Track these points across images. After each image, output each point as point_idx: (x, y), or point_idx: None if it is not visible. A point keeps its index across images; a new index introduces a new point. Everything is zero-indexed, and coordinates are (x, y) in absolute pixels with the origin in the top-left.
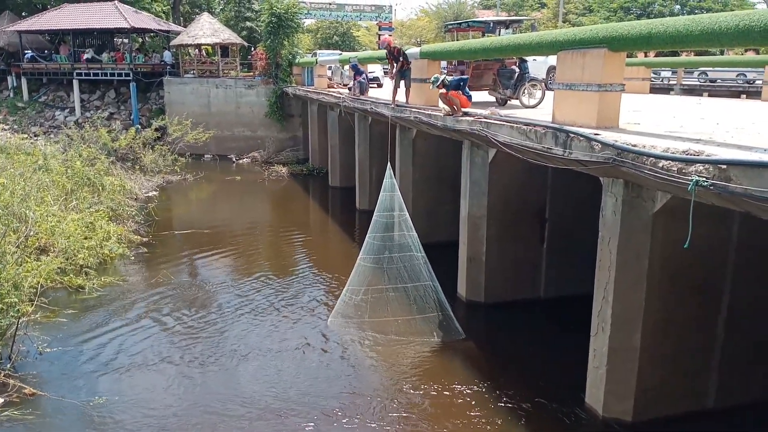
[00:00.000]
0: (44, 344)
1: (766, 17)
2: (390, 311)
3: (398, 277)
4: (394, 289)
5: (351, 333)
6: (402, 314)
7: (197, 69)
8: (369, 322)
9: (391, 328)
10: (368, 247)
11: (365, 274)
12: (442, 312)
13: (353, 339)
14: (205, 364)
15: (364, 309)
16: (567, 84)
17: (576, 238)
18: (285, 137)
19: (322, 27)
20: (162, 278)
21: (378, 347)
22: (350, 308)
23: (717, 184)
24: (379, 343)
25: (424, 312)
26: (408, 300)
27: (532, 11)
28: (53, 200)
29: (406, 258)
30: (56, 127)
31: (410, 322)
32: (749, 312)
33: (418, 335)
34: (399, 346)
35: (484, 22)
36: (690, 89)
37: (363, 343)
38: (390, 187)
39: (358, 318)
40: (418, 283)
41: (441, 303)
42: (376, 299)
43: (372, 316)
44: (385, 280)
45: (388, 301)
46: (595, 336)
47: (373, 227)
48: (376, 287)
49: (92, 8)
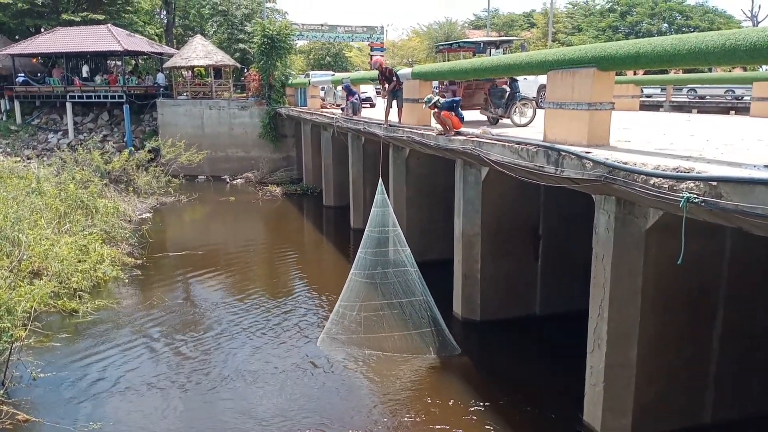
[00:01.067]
0: (38, 369)
1: (751, 36)
2: (384, 327)
3: (393, 292)
4: (389, 305)
5: (344, 351)
6: (397, 330)
7: (190, 91)
8: (363, 338)
9: (386, 345)
10: (360, 262)
11: (357, 290)
12: (436, 327)
13: (346, 357)
14: (201, 388)
15: (358, 325)
16: (557, 103)
17: (570, 254)
18: (279, 157)
19: (314, 48)
20: (156, 300)
21: (372, 365)
22: (341, 326)
23: (708, 200)
24: (373, 360)
25: (419, 327)
26: (403, 315)
27: (522, 31)
28: (46, 223)
29: (400, 273)
30: (49, 149)
31: (405, 338)
32: (743, 326)
33: (413, 351)
34: (393, 363)
35: (474, 43)
36: (679, 106)
37: (357, 362)
38: (382, 203)
39: (351, 335)
40: (413, 298)
41: (435, 318)
42: (370, 315)
43: (366, 332)
44: (379, 295)
45: (382, 318)
46: (591, 353)
47: (364, 243)
48: (369, 303)
49: (85, 31)
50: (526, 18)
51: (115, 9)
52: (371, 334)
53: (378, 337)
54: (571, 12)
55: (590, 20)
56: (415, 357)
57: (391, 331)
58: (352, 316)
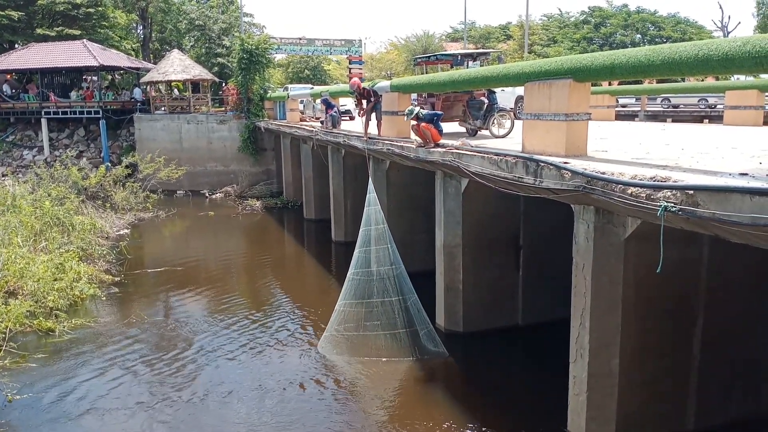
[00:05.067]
0: (13, 391)
1: (723, 47)
2: (378, 326)
3: (384, 290)
4: (381, 303)
5: (334, 358)
6: (389, 329)
7: (168, 105)
8: (356, 341)
9: (376, 347)
10: (360, 261)
11: (356, 288)
12: (425, 327)
13: (336, 364)
14: (181, 407)
15: (357, 324)
16: (535, 114)
17: (551, 264)
18: (258, 171)
19: (293, 61)
20: (135, 318)
21: (357, 373)
22: (341, 325)
23: (685, 209)
24: (360, 367)
25: (409, 326)
26: (392, 314)
27: (499, 43)
28: (22, 241)
29: (390, 271)
30: (25, 166)
31: (394, 339)
32: (723, 332)
33: (402, 354)
34: (379, 370)
35: (452, 55)
36: (654, 115)
37: (343, 371)
38: (373, 202)
39: (345, 334)
40: (401, 297)
41: (423, 319)
42: (364, 313)
43: (363, 331)
44: (375, 294)
45: (374, 316)
46: (574, 362)
47: (360, 241)
48: (368, 301)
49: (60, 47)
50: (502, 30)
51: (91, 24)
52: (367, 332)
53: (369, 338)
54: (547, 24)
55: (565, 32)
56: (399, 361)
57: (383, 330)
58: (350, 315)
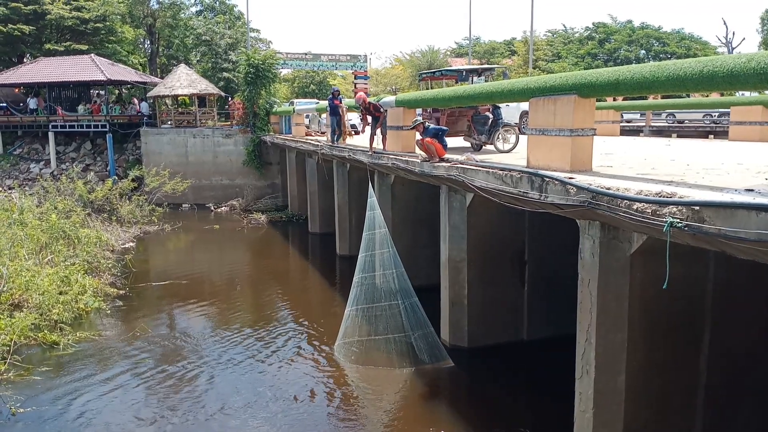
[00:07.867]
0: (17, 404)
1: (728, 63)
2: (385, 330)
3: (389, 293)
4: (389, 307)
5: (345, 366)
6: (394, 333)
7: (174, 119)
8: (364, 347)
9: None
10: (366, 264)
11: (363, 292)
12: (428, 331)
13: (344, 373)
14: (186, 421)
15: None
16: (540, 129)
17: (556, 279)
18: (263, 185)
19: (298, 76)
20: (139, 331)
21: (367, 383)
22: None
23: (691, 225)
24: (369, 375)
25: (414, 330)
26: (398, 319)
27: (503, 58)
28: (28, 254)
29: (392, 274)
30: (31, 179)
31: (401, 342)
32: (730, 349)
33: (409, 359)
34: (387, 380)
35: (457, 71)
36: (659, 131)
37: (354, 377)
38: (374, 206)
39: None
40: (405, 300)
41: (425, 321)
42: (371, 317)
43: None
44: (382, 298)
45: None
46: (579, 379)
47: (364, 246)
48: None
49: (68, 61)
50: (507, 46)
51: (99, 39)
52: (378, 335)
53: (378, 343)
54: (551, 40)
55: (569, 47)
56: (406, 371)
57: (391, 333)
58: (359, 319)
